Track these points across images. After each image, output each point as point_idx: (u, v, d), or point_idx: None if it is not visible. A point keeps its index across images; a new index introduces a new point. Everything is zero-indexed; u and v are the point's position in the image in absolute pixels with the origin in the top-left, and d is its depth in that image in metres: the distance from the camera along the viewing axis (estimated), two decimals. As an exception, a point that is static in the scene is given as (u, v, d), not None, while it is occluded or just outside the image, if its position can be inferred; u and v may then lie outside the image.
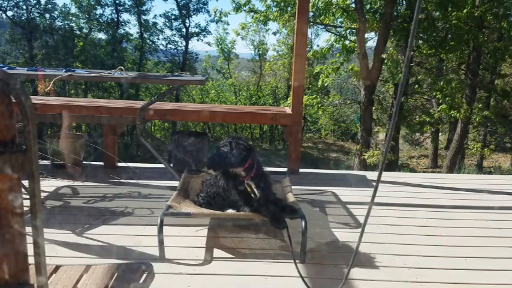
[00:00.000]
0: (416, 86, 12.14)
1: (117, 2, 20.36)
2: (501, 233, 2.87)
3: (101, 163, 4.17)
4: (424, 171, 14.64)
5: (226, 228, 2.77)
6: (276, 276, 2.21)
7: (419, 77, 12.00)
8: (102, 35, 20.97)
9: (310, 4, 6.68)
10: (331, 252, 2.52)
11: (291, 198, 2.75)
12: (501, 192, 3.81)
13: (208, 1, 24.28)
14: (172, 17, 21.23)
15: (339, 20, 11.38)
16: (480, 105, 12.00)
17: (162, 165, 3.71)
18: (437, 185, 3.95)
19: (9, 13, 19.18)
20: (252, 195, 2.49)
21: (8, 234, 0.81)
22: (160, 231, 2.30)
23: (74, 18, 20.13)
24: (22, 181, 0.84)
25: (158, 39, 21.58)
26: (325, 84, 11.63)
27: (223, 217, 2.67)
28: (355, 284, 2.17)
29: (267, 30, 24.39)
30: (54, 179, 3.65)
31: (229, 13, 12.08)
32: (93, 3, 19.93)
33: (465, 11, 9.62)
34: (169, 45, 21.66)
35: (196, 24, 27.24)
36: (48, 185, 3.50)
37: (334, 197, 3.49)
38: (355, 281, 2.19)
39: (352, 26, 10.59)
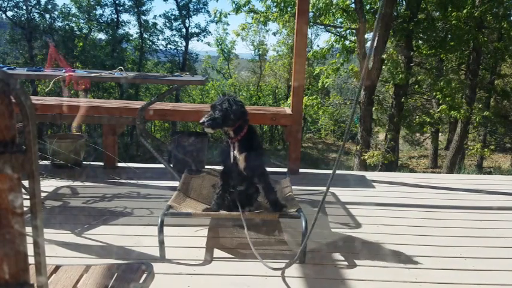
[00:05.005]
0: (416, 86, 12.13)
1: (117, 2, 20.36)
2: (500, 233, 2.87)
3: (101, 163, 4.17)
4: (424, 172, 14.64)
5: (226, 228, 2.77)
6: (276, 277, 2.22)
7: (419, 77, 11.99)
8: (102, 35, 20.98)
9: (310, 4, 6.68)
10: (331, 252, 2.52)
11: (291, 198, 2.76)
12: (500, 193, 3.81)
13: (208, 1, 24.30)
14: (172, 17, 21.23)
15: (339, 20, 11.37)
16: (480, 105, 12.00)
17: (162, 166, 3.71)
18: (436, 185, 3.95)
19: (9, 13, 19.18)
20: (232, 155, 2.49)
21: (8, 234, 0.81)
22: (160, 231, 2.31)
23: (74, 19, 20.13)
24: (22, 181, 0.84)
25: (158, 39, 21.59)
26: (325, 85, 11.62)
27: (223, 217, 2.68)
28: (355, 284, 2.17)
29: (267, 31, 24.43)
30: (54, 179, 3.65)
31: (229, 14, 12.06)
32: (93, 3, 19.92)
33: (465, 11, 9.62)
34: (169, 46, 21.66)
35: (196, 24, 27.31)
36: (48, 185, 3.50)
37: (333, 197, 3.49)
38: (355, 281, 2.19)
39: (352, 27, 10.59)
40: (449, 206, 3.35)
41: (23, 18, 19.25)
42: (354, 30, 10.59)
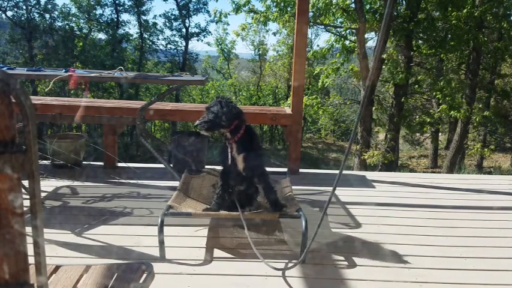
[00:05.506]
0: (416, 86, 12.13)
1: (117, 2, 20.36)
2: (501, 233, 2.87)
3: (101, 163, 4.17)
4: (424, 171, 14.64)
5: (226, 228, 2.77)
6: (276, 276, 2.21)
7: (419, 77, 11.99)
8: (102, 35, 20.97)
9: (310, 4, 6.68)
10: (331, 252, 2.52)
11: (291, 198, 2.76)
12: (500, 193, 3.81)
13: (208, 1, 24.33)
14: (172, 17, 21.22)
15: (339, 20, 11.38)
16: (480, 105, 11.99)
17: (162, 166, 3.71)
18: (437, 185, 3.95)
19: (9, 13, 19.16)
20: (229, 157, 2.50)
21: (8, 234, 0.81)
22: (160, 231, 2.31)
23: (74, 19, 20.13)
24: (22, 181, 0.84)
25: (158, 39, 21.57)
26: (325, 85, 11.63)
27: (223, 217, 2.67)
28: (355, 284, 2.17)
29: (267, 31, 24.42)
30: (54, 179, 3.65)
31: (229, 14, 12.06)
32: (93, 3, 19.91)
33: (465, 11, 9.62)
34: (169, 46, 21.64)
35: (196, 24, 27.28)
36: (48, 185, 3.50)
37: (334, 197, 3.48)
38: (355, 281, 2.19)
39: (352, 26, 10.59)
40: (450, 206, 3.34)
41: (23, 18, 19.23)
42: (354, 30, 10.59)
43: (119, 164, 4.17)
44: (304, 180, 3.92)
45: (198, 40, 22.30)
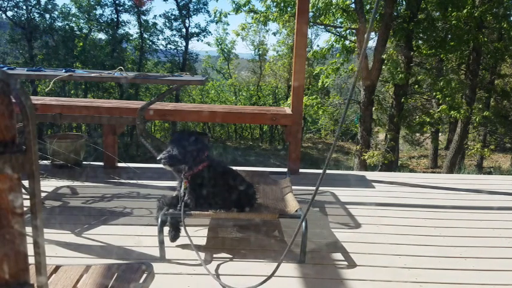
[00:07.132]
0: (416, 86, 12.13)
1: (117, 2, 20.37)
2: (500, 233, 2.87)
3: (101, 163, 4.17)
4: (424, 172, 14.64)
5: (226, 228, 2.77)
6: (276, 276, 2.21)
7: (419, 77, 11.99)
8: (102, 35, 21.00)
9: (310, 4, 6.67)
10: (331, 252, 2.52)
11: (291, 198, 2.76)
12: (500, 193, 3.81)
13: (208, 1, 24.31)
14: (172, 17, 21.24)
15: (338, 20, 11.38)
16: (480, 105, 11.99)
17: (162, 166, 3.70)
18: (437, 185, 3.95)
19: (9, 13, 19.19)
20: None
21: (8, 234, 0.81)
22: (160, 231, 2.31)
23: (74, 19, 20.15)
24: (22, 181, 0.84)
25: (158, 39, 21.60)
26: (325, 85, 11.63)
27: (223, 217, 2.67)
28: (355, 284, 2.17)
29: (267, 31, 24.46)
30: (54, 179, 3.65)
31: (229, 13, 12.06)
32: (93, 3, 19.93)
33: (465, 11, 9.62)
34: (169, 46, 21.67)
35: (196, 24, 27.36)
36: (48, 185, 3.50)
37: (333, 197, 3.49)
38: (355, 281, 2.19)
39: (352, 27, 10.59)
40: (450, 206, 3.35)
41: (23, 18, 19.25)
42: (354, 30, 10.60)
43: (119, 164, 4.17)
44: (304, 180, 3.91)
45: (198, 40, 22.35)
